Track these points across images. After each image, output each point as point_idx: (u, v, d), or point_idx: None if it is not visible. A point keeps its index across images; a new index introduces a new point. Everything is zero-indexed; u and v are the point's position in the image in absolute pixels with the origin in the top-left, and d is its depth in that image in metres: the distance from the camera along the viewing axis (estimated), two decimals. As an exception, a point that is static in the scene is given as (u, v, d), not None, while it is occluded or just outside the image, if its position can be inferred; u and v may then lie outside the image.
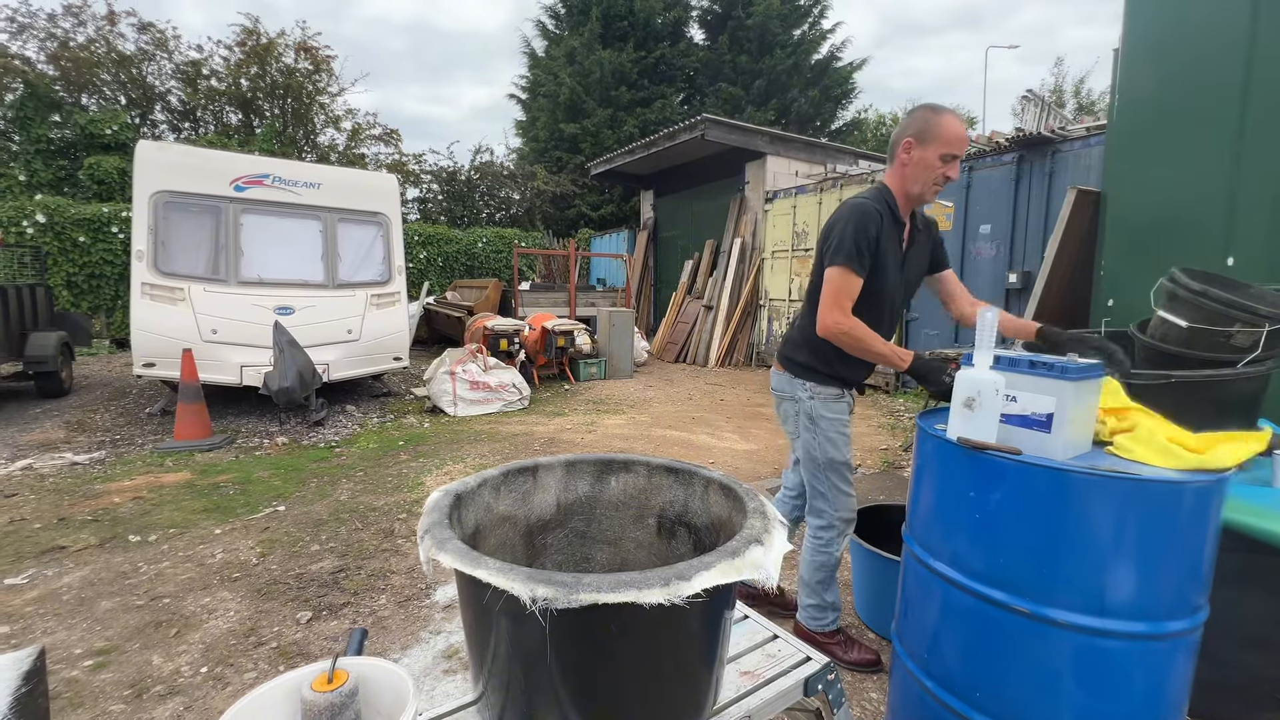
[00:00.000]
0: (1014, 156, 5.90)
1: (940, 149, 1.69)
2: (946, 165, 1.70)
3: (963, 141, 1.69)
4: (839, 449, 1.94)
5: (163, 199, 5.25)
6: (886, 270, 1.78)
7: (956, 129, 1.68)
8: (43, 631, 2.24)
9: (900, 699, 1.57)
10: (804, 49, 18.07)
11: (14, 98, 12.99)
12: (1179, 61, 2.97)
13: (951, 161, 1.70)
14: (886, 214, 1.76)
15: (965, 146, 1.71)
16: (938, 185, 1.74)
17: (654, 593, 0.78)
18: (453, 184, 17.51)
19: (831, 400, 1.92)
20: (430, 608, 2.45)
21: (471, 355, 6.31)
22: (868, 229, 1.71)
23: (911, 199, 1.79)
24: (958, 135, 1.68)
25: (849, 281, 1.71)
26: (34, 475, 3.99)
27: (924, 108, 1.74)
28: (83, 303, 10.10)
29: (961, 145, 1.69)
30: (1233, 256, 2.73)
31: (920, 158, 1.72)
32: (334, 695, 0.78)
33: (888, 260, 1.78)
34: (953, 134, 1.68)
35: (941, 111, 1.70)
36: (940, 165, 1.70)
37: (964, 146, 1.70)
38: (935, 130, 1.69)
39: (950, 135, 1.68)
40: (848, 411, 1.96)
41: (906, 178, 1.76)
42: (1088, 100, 20.37)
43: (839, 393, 1.93)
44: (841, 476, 1.96)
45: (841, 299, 1.71)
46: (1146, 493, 1.16)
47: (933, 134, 1.69)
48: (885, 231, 1.75)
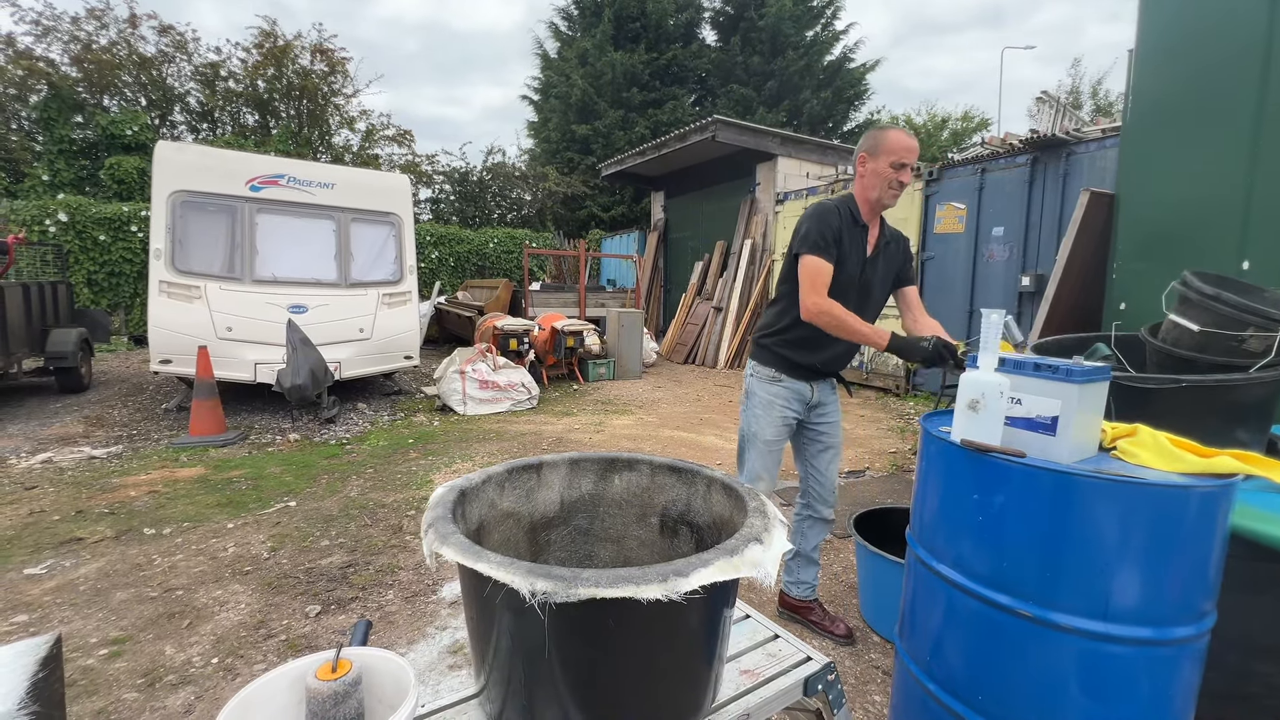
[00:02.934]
0: (1028, 158, 5.84)
1: (889, 158, 1.90)
2: (897, 171, 1.90)
3: (909, 150, 1.88)
4: (759, 425, 2.10)
5: (180, 198, 5.35)
6: (844, 265, 1.95)
7: (901, 140, 1.89)
8: (60, 620, 2.29)
9: (902, 701, 1.57)
10: (816, 50, 18.01)
11: (39, 99, 13.27)
12: (1194, 62, 2.93)
13: (901, 169, 1.90)
14: (847, 215, 1.97)
15: (913, 155, 1.89)
16: (893, 189, 1.92)
17: (652, 588, 0.79)
18: (464, 184, 17.64)
19: (766, 380, 2.09)
20: (437, 604, 2.48)
21: (481, 355, 6.35)
22: (829, 222, 1.92)
23: (872, 204, 1.98)
24: (903, 145, 1.89)
25: (820, 266, 1.89)
26: (53, 468, 4.07)
27: (872, 129, 1.98)
28: (102, 300, 10.29)
29: (909, 153, 1.88)
30: (1248, 260, 2.69)
31: (874, 168, 1.93)
32: (337, 684, 0.80)
33: (847, 256, 1.95)
34: (898, 144, 1.89)
35: (888, 128, 1.95)
36: (891, 172, 1.90)
37: (912, 155, 1.88)
38: (882, 144, 1.91)
39: (895, 145, 1.89)
40: (785, 398, 2.08)
41: (865, 186, 1.97)
42: (1105, 101, 20.10)
43: (774, 375, 2.07)
44: (755, 450, 2.11)
45: (816, 283, 1.89)
46: (1152, 497, 1.15)
47: (881, 147, 1.91)
48: (845, 229, 1.94)
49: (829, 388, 2.17)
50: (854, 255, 1.97)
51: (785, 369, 2.07)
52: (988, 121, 22.17)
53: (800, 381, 2.07)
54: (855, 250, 1.97)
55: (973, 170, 6.43)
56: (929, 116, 23.41)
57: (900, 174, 1.90)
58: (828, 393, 2.16)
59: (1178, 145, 3.01)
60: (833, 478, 2.24)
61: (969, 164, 6.56)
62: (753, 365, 2.15)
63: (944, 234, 6.71)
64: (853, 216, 1.97)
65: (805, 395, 2.09)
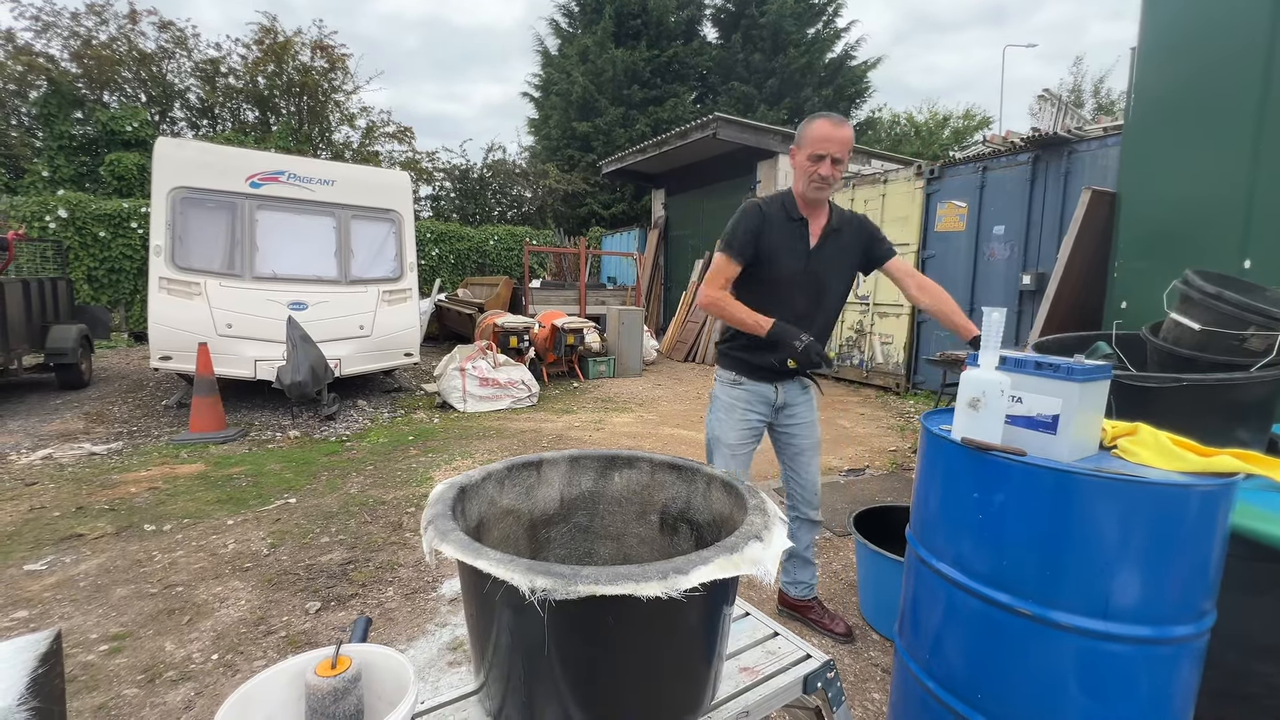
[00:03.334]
0: (1029, 157, 5.84)
1: (808, 150, 1.81)
2: (816, 164, 1.80)
3: (826, 141, 1.77)
4: (722, 429, 2.07)
5: (180, 195, 5.34)
6: (777, 261, 1.90)
7: (820, 130, 1.79)
8: (60, 616, 2.30)
9: (902, 699, 1.57)
10: (818, 47, 17.97)
11: (38, 95, 13.25)
12: (1197, 60, 2.92)
13: (819, 161, 1.80)
14: (778, 211, 1.90)
15: (833, 146, 1.77)
16: (815, 183, 1.83)
17: (651, 586, 0.78)
18: (465, 182, 17.61)
19: (727, 384, 2.05)
20: (436, 600, 2.48)
21: (481, 352, 6.35)
22: (745, 222, 1.89)
23: (804, 198, 1.90)
24: (820, 136, 1.78)
25: (720, 264, 1.90)
26: (54, 465, 4.07)
27: (808, 117, 1.85)
28: (102, 296, 10.28)
29: (826, 144, 1.78)
30: (1249, 259, 2.69)
31: (798, 161, 1.86)
32: (337, 680, 0.80)
33: (778, 253, 1.90)
34: (815, 135, 1.79)
35: (814, 118, 1.82)
36: (810, 165, 1.81)
37: (830, 146, 1.77)
38: (804, 135, 1.82)
39: (812, 137, 1.80)
40: (746, 401, 2.03)
41: (795, 179, 1.91)
42: (1107, 100, 20.07)
43: (735, 378, 2.03)
44: (720, 455, 2.09)
45: (714, 278, 1.91)
46: (1153, 496, 1.15)
47: (802, 139, 1.83)
48: (773, 227, 1.89)
49: (797, 388, 2.08)
50: (789, 251, 1.91)
51: (744, 371, 2.02)
52: (989, 120, 22.13)
53: (761, 383, 2.01)
54: (791, 246, 1.91)
55: (974, 168, 6.42)
56: (930, 115, 23.37)
57: (818, 167, 1.80)
58: (796, 393, 2.08)
59: (1180, 143, 3.01)
60: (812, 479, 2.21)
61: (970, 162, 6.55)
62: (717, 371, 2.12)
63: (945, 232, 6.71)
64: (786, 212, 1.90)
65: (769, 397, 2.03)
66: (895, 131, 22.39)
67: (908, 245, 7.05)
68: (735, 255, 1.88)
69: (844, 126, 1.80)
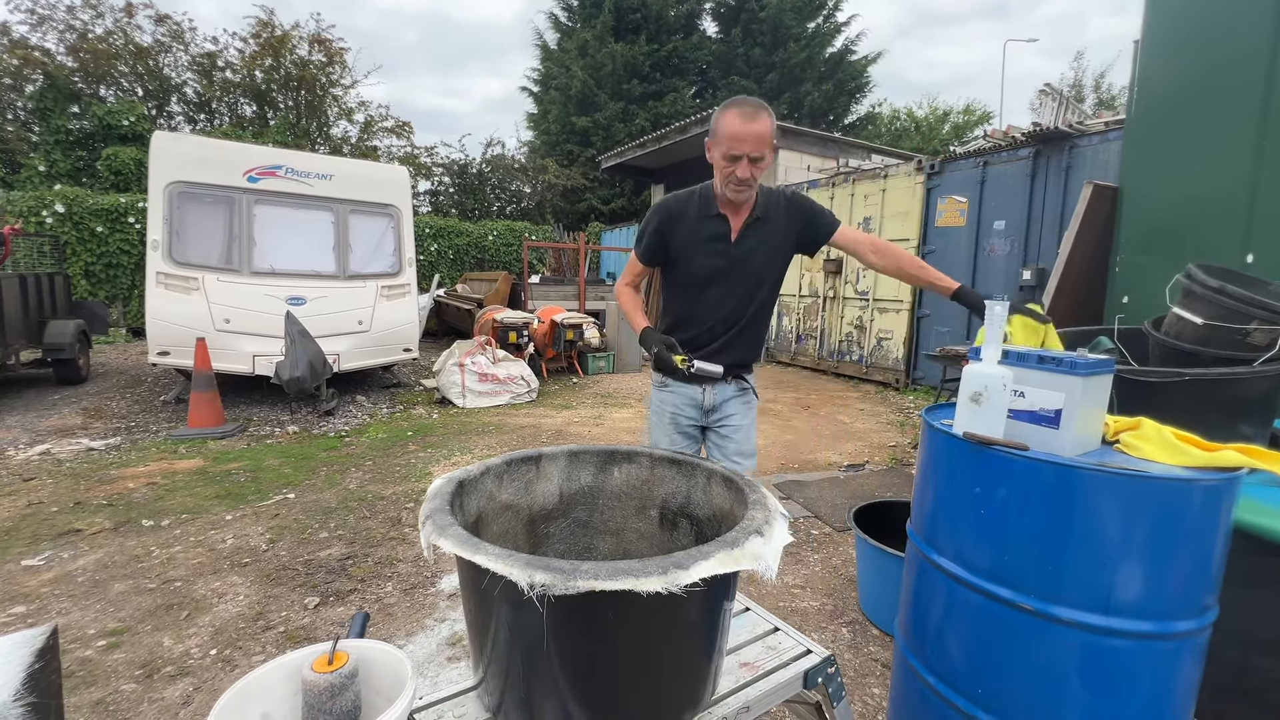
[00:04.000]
0: (1030, 151, 5.82)
1: (720, 148, 1.58)
2: (732, 165, 1.56)
3: (738, 141, 1.52)
4: (655, 433, 1.95)
5: (177, 189, 5.31)
6: (692, 260, 1.74)
7: (729, 126, 1.53)
8: (58, 612, 2.29)
9: (902, 694, 1.57)
10: (818, 42, 17.92)
11: (34, 89, 13.17)
12: (1201, 55, 2.91)
13: (735, 162, 1.55)
14: (694, 208, 1.71)
15: (746, 146, 1.53)
16: (732, 185, 1.60)
17: (651, 581, 0.78)
18: (464, 177, 17.56)
19: (655, 386, 1.93)
20: (435, 596, 2.48)
21: (480, 348, 6.34)
22: (652, 219, 1.77)
23: (721, 196, 1.69)
24: (729, 134, 1.53)
25: (632, 260, 1.86)
26: (51, 460, 4.06)
27: (721, 105, 1.60)
28: (100, 292, 10.25)
29: (738, 144, 1.53)
30: (1252, 253, 2.68)
31: (714, 158, 1.62)
32: (334, 676, 0.79)
33: (692, 253, 1.73)
34: (725, 132, 1.54)
35: (726, 108, 1.56)
36: (726, 165, 1.58)
37: (744, 145, 1.53)
38: (714, 129, 1.58)
39: (723, 132, 1.55)
40: (674, 404, 1.87)
41: (715, 177, 1.69)
42: (1108, 95, 20.00)
43: (661, 380, 1.89)
44: None
45: (626, 272, 1.89)
46: (1156, 490, 1.14)
47: (714, 133, 1.59)
48: (684, 225, 1.72)
49: (732, 390, 1.87)
50: (706, 250, 1.72)
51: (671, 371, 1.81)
52: (989, 115, 22.06)
53: (687, 384, 1.84)
54: (708, 244, 1.72)
55: (974, 163, 6.40)
56: (930, 109, 23.30)
57: (734, 168, 1.55)
58: (728, 395, 1.87)
59: (1182, 138, 2.99)
60: None
61: (971, 157, 6.53)
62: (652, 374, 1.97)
63: (945, 227, 6.69)
64: (701, 208, 1.71)
65: (696, 399, 1.85)
66: (895, 126, 22.33)
67: (908, 240, 7.04)
68: (641, 254, 1.80)
69: (758, 119, 1.52)
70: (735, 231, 1.72)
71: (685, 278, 1.77)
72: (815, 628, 2.33)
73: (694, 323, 1.78)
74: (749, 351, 1.85)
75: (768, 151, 1.56)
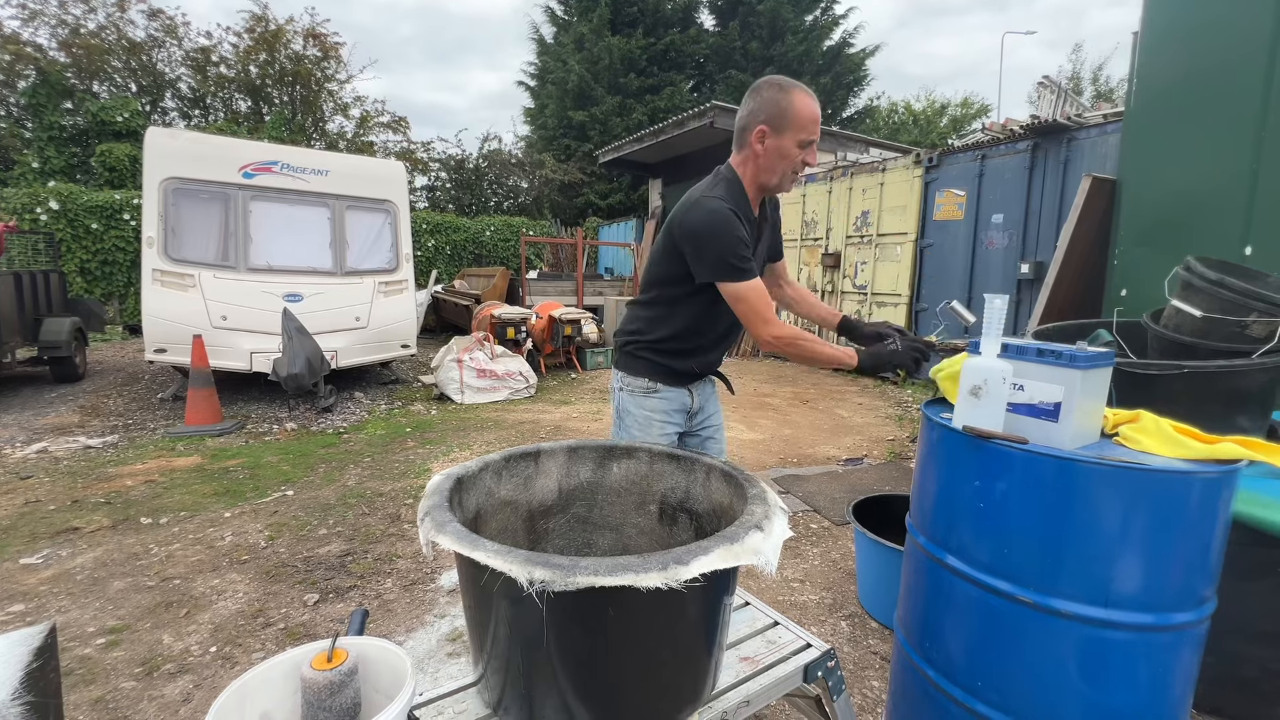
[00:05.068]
0: (1028, 144, 5.80)
1: (797, 135, 1.49)
2: (805, 151, 1.51)
3: (817, 123, 1.50)
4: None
5: (172, 185, 5.28)
6: None
7: (810, 110, 1.48)
8: (56, 610, 2.29)
9: (901, 687, 1.57)
10: (816, 35, 17.85)
11: (27, 85, 13.08)
12: (1200, 47, 2.90)
13: (809, 147, 1.52)
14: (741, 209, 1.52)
15: (818, 128, 1.51)
16: (796, 174, 1.55)
17: (651, 576, 0.77)
18: (461, 172, 17.50)
19: (639, 394, 1.68)
20: (435, 592, 2.48)
21: (479, 343, 6.32)
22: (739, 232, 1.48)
23: (767, 190, 1.60)
24: (811, 117, 1.49)
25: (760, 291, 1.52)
26: (49, 458, 4.05)
27: (771, 86, 1.50)
28: (96, 289, 10.21)
29: (816, 127, 1.50)
30: (1251, 246, 2.67)
31: (775, 146, 1.50)
32: (333, 674, 0.79)
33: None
34: (807, 116, 1.48)
35: (791, 90, 1.48)
36: (798, 152, 1.51)
37: (818, 129, 1.50)
38: (789, 115, 1.47)
39: (805, 118, 1.48)
40: (664, 412, 1.68)
41: (761, 168, 1.54)
42: (1106, 87, 19.98)
43: (649, 385, 1.67)
44: None
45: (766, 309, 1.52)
46: (1155, 483, 1.14)
47: (787, 119, 1.48)
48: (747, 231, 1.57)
49: (709, 387, 1.81)
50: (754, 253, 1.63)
51: (663, 377, 1.67)
52: (988, 108, 22.04)
53: (679, 389, 1.70)
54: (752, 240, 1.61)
55: (973, 156, 6.39)
56: (928, 103, 23.26)
57: (807, 153, 1.52)
58: (708, 393, 1.81)
59: (1181, 130, 2.99)
60: None
61: (969, 150, 6.51)
62: (622, 378, 1.72)
63: (943, 221, 6.68)
64: (743, 206, 1.55)
65: (686, 404, 1.73)
66: (893, 120, 22.29)
67: (906, 234, 7.03)
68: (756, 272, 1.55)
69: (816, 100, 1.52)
70: (755, 236, 1.62)
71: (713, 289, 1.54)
72: (814, 621, 2.34)
73: (700, 333, 1.65)
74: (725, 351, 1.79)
75: None
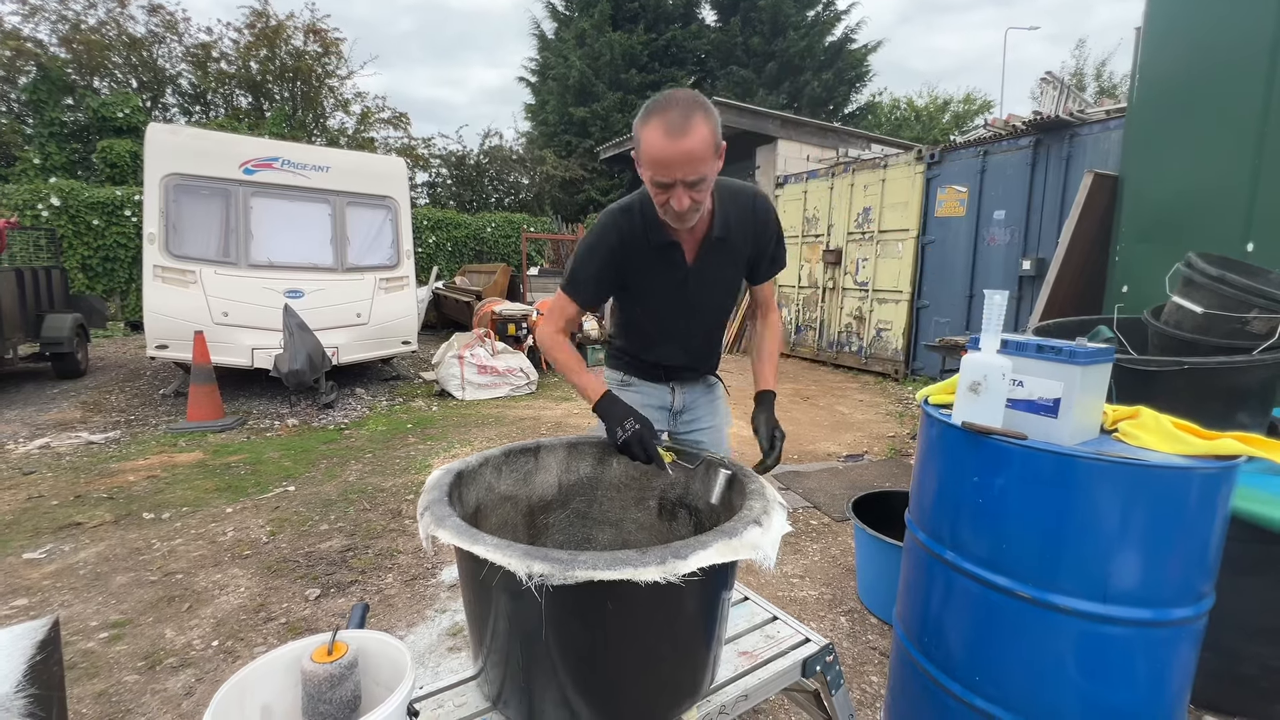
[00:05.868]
0: (1030, 140, 5.78)
1: (646, 171, 1.21)
2: (664, 194, 1.20)
3: (667, 167, 1.15)
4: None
5: (173, 181, 5.28)
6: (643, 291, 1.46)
7: (655, 148, 1.15)
8: (60, 604, 2.30)
9: (900, 682, 1.58)
10: (818, 30, 17.77)
11: (28, 81, 13.07)
12: (1203, 43, 2.88)
13: (667, 190, 1.19)
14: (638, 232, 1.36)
15: (676, 171, 1.15)
16: (672, 217, 1.25)
17: (650, 571, 0.78)
18: (461, 168, 17.46)
19: (616, 388, 1.60)
20: (436, 587, 2.49)
21: (480, 340, 6.33)
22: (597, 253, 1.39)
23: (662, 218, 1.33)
24: (656, 158, 1.16)
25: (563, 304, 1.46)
26: (51, 454, 4.06)
27: (644, 108, 1.19)
28: (97, 285, 10.22)
29: (667, 171, 1.16)
30: (1252, 242, 2.67)
31: (645, 177, 1.23)
32: (333, 667, 0.79)
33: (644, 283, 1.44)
34: (651, 156, 1.16)
35: (649, 119, 1.15)
36: (658, 193, 1.22)
37: (672, 171, 1.15)
38: (640, 148, 1.19)
39: (649, 157, 1.17)
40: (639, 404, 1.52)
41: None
42: (1109, 83, 19.89)
43: (623, 379, 1.62)
44: None
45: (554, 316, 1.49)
46: (1154, 479, 1.15)
47: (640, 153, 1.20)
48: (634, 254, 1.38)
49: (701, 389, 1.66)
50: (659, 280, 1.42)
51: (635, 370, 1.60)
52: (990, 104, 21.95)
53: (655, 384, 1.60)
54: (661, 273, 1.40)
55: (975, 152, 6.37)
56: (930, 99, 23.18)
57: (667, 197, 1.20)
58: (698, 396, 1.66)
59: (1184, 127, 2.98)
60: None
61: (971, 146, 6.49)
62: (605, 375, 1.67)
63: (945, 218, 6.67)
64: (648, 230, 1.35)
65: (664, 400, 1.62)
66: (895, 116, 22.21)
67: (908, 231, 7.02)
68: (580, 297, 1.43)
69: (690, 131, 1.12)
70: (691, 254, 1.41)
71: (641, 307, 1.50)
72: (813, 616, 2.34)
73: (641, 330, 1.57)
74: (714, 357, 1.66)
75: (708, 168, 1.18)
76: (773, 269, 1.54)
